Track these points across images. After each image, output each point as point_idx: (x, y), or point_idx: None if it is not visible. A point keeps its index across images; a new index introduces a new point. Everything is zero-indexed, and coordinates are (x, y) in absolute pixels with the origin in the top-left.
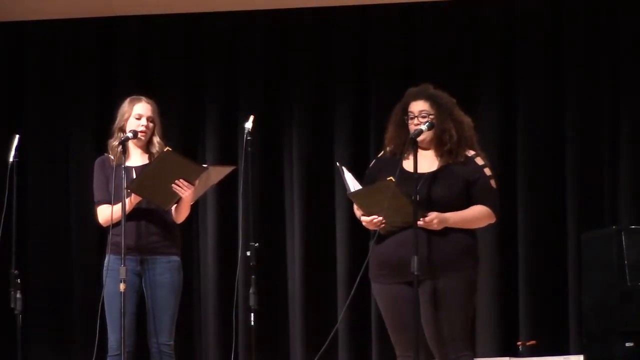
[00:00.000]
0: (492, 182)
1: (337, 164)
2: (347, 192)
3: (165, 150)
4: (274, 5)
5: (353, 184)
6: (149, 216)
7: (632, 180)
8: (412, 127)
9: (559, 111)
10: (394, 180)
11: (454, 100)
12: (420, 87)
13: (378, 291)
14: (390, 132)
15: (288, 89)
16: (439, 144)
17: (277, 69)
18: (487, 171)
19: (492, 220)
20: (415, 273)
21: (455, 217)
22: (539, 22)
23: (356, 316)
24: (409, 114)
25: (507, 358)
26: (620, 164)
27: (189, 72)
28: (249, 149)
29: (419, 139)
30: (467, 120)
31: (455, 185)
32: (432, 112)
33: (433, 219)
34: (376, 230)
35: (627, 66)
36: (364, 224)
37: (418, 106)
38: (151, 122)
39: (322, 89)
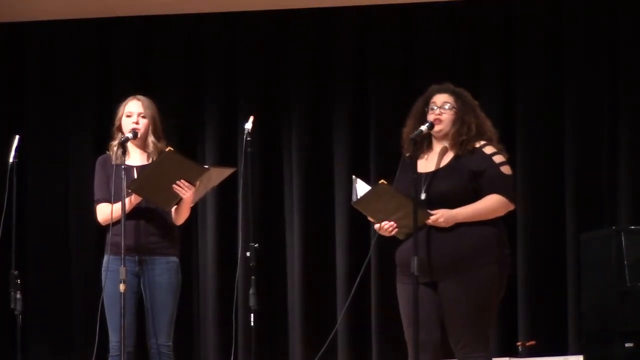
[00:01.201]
0: (504, 169)
1: (354, 176)
2: (352, 203)
3: (167, 150)
4: (274, 6)
5: (362, 193)
6: (148, 215)
7: (632, 180)
8: (431, 117)
9: (559, 111)
10: (386, 183)
11: (477, 103)
12: (444, 84)
13: (400, 291)
14: (409, 126)
15: (288, 89)
16: (456, 134)
17: (277, 69)
18: (498, 158)
19: (510, 207)
20: (415, 274)
21: (466, 211)
22: (539, 22)
23: (356, 317)
24: (431, 105)
25: (507, 358)
26: (619, 164)
27: (189, 73)
28: (249, 149)
29: (436, 129)
30: (488, 121)
31: (461, 179)
32: (455, 105)
33: (439, 217)
34: (394, 235)
35: (627, 66)
36: (378, 232)
37: (442, 98)
38: (143, 117)
39: (321, 89)
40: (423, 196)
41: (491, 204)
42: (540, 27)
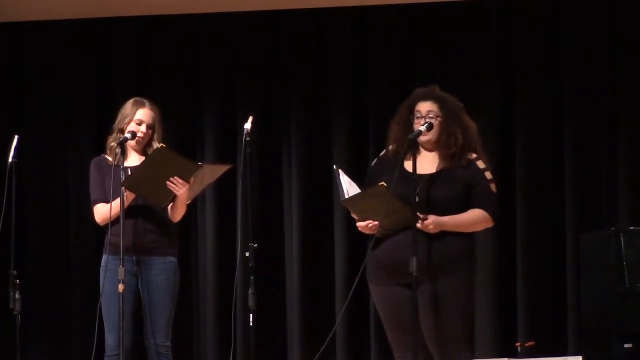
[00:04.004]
0: (492, 187)
1: (334, 167)
2: (341, 199)
3: (159, 146)
4: (273, 6)
5: (349, 187)
6: (145, 213)
7: (631, 181)
8: (418, 126)
9: (558, 112)
10: (386, 185)
11: (462, 105)
12: (428, 88)
13: (376, 293)
14: (394, 131)
15: (287, 89)
16: (444, 147)
17: (277, 69)
18: (488, 175)
19: (489, 224)
20: (414, 274)
21: (453, 221)
22: (539, 21)
23: (354, 318)
24: (416, 113)
25: (506, 359)
26: (618, 164)
27: (188, 73)
28: (248, 149)
29: (423, 139)
30: (472, 125)
31: (456, 188)
32: (439, 114)
33: (430, 223)
34: (372, 233)
35: (626, 67)
36: (359, 229)
37: (426, 106)
38: (150, 129)
39: (321, 89)
40: (417, 198)
41: (476, 217)
42: (540, 27)
